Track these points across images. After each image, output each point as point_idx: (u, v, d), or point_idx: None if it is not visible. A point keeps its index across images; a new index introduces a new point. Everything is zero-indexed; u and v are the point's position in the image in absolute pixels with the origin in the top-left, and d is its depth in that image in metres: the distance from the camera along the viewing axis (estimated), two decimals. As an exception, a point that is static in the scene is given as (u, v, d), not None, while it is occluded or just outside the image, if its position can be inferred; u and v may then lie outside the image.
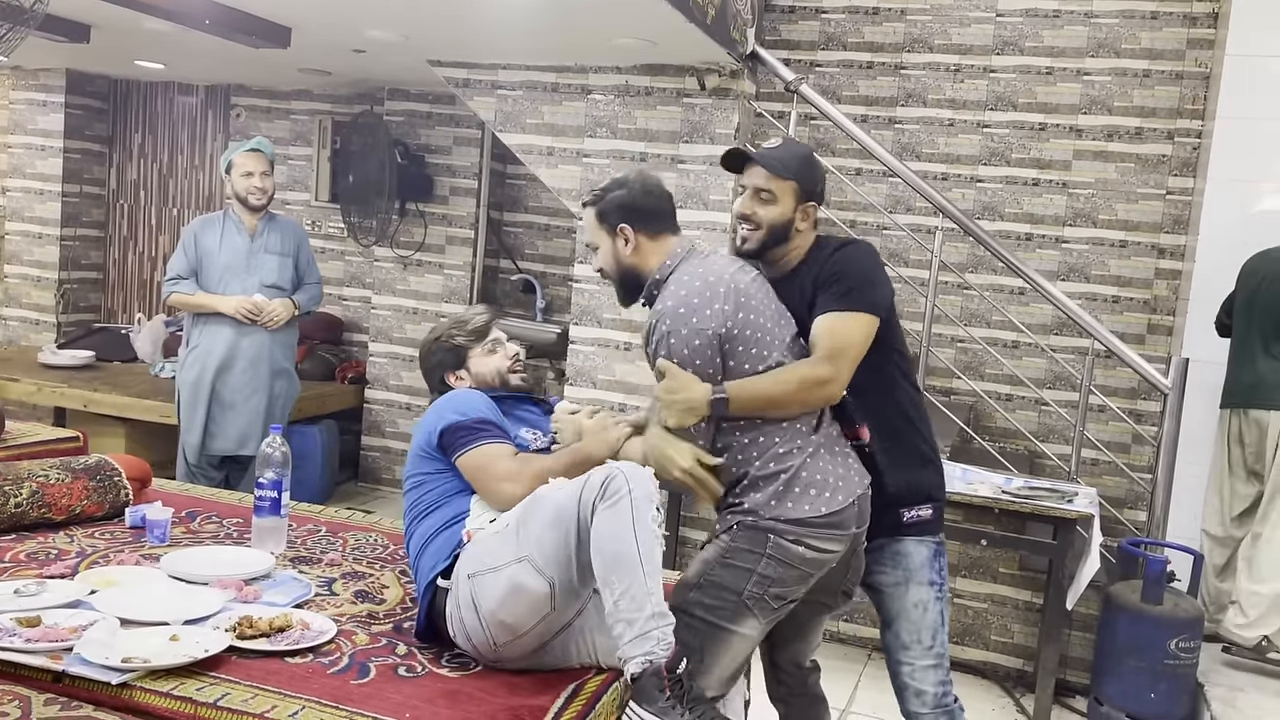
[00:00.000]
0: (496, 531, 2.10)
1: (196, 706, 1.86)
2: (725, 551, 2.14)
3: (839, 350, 2.14)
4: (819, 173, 2.33)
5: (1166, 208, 4.73)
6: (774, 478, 2.13)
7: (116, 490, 2.95)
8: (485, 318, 2.55)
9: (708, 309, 2.12)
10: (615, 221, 2.26)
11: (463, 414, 2.28)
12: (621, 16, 3.46)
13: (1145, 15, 4.71)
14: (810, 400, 2.15)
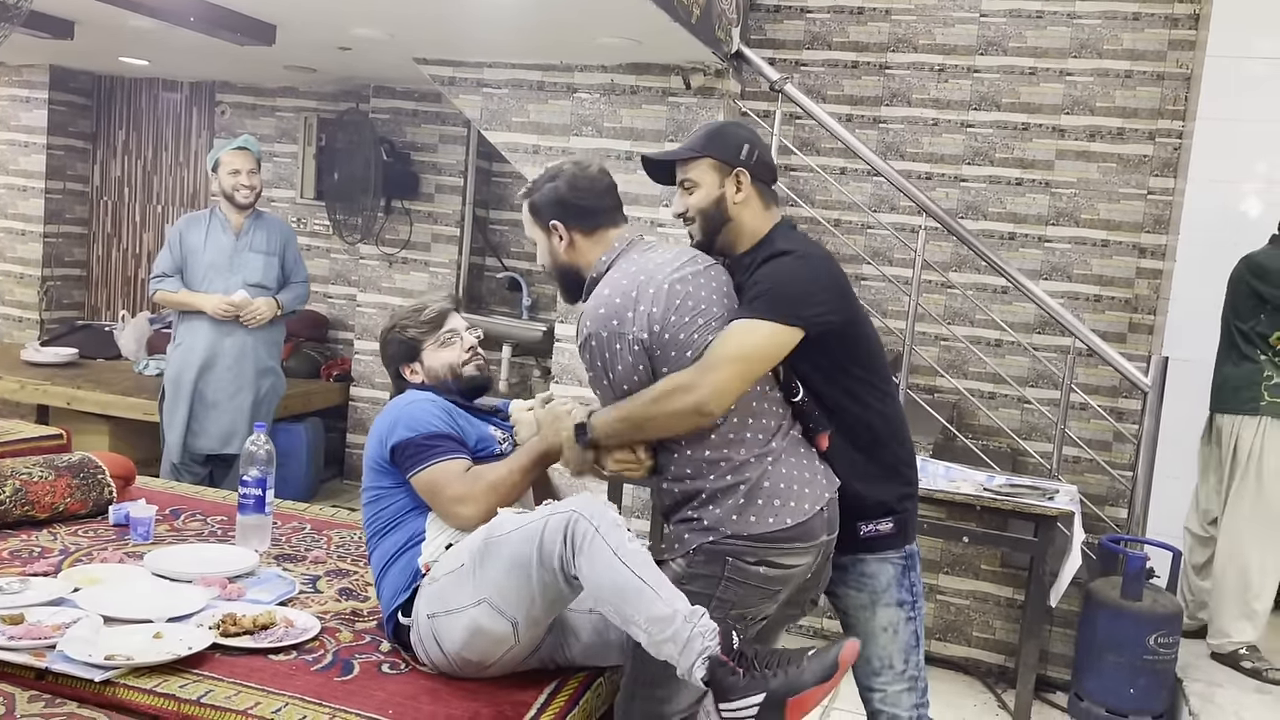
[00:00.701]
0: (451, 570, 2.03)
1: (180, 704, 1.87)
2: (682, 577, 1.98)
3: (719, 359, 1.94)
4: (734, 139, 2.12)
5: (1148, 207, 4.77)
6: (732, 490, 1.99)
7: (100, 488, 2.95)
8: (440, 307, 2.41)
9: (630, 311, 1.97)
10: (548, 218, 2.13)
11: (413, 429, 2.19)
12: (606, 15, 3.47)
13: (1127, 16, 4.75)
14: (676, 413, 1.94)
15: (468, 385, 2.38)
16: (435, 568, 2.10)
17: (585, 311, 2.03)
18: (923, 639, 2.25)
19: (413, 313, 2.41)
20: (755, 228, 2.13)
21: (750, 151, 2.11)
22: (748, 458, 2.01)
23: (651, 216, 4.31)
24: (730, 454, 2.01)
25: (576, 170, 2.15)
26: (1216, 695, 3.38)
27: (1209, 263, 4.18)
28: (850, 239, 4.87)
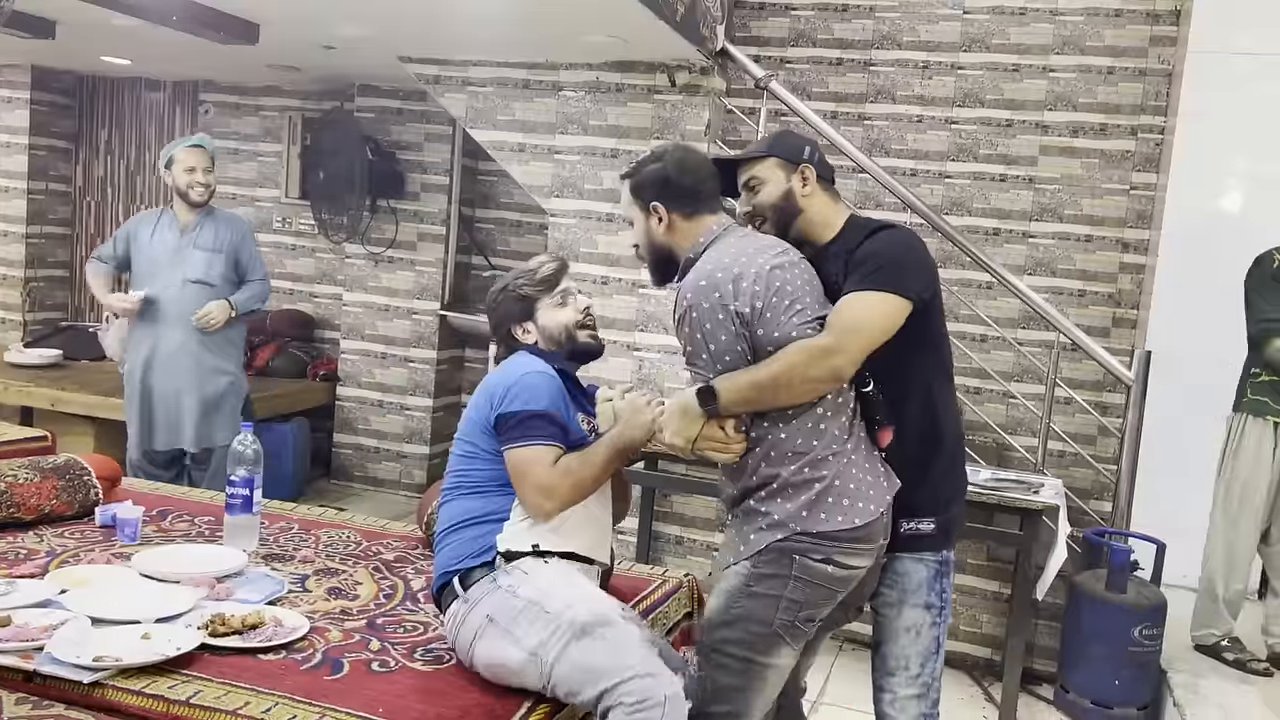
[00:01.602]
0: (539, 604, 2.02)
1: (169, 704, 1.87)
2: (749, 580, 2.00)
3: (850, 326, 1.96)
4: (796, 139, 2.22)
5: (1131, 203, 4.80)
6: (807, 486, 1.98)
7: (86, 489, 2.95)
8: (554, 266, 2.35)
9: (731, 284, 1.97)
10: (649, 199, 2.12)
11: (525, 403, 2.14)
12: (592, 13, 3.47)
13: (1109, 13, 4.77)
14: (812, 376, 1.95)
15: (583, 349, 2.31)
16: (523, 583, 2.07)
17: (684, 286, 2.02)
18: (944, 648, 2.22)
19: (526, 272, 2.35)
20: (828, 218, 2.18)
21: (812, 152, 2.19)
22: (826, 453, 2.00)
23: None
24: (815, 444, 2.00)
25: (683, 153, 2.17)
26: (1200, 686, 3.41)
27: (1191, 257, 4.21)
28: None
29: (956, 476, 2.22)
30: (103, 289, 4.24)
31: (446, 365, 5.80)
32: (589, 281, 4.45)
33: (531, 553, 2.12)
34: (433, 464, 5.70)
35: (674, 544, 4.43)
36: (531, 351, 2.29)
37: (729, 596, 2.04)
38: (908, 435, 2.10)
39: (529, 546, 2.12)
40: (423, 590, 2.57)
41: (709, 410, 1.98)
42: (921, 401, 2.12)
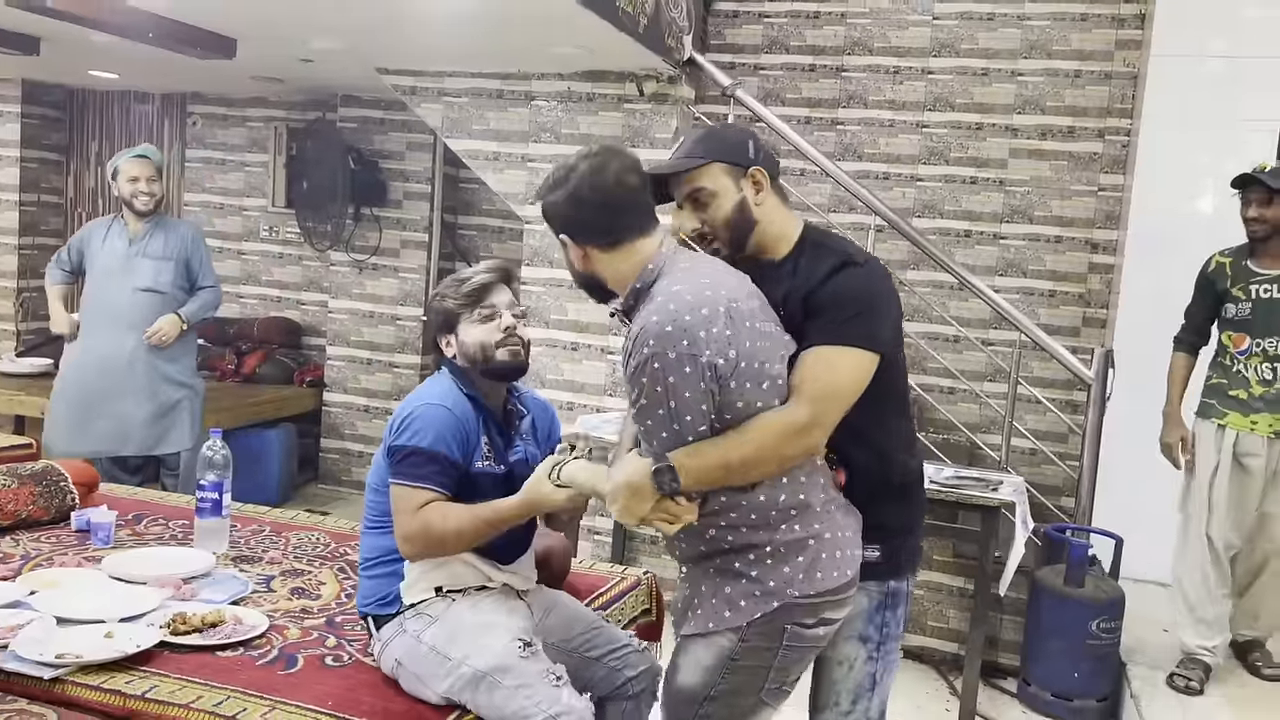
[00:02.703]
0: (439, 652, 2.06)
1: (125, 699, 1.95)
2: (734, 654, 1.82)
3: (825, 393, 1.79)
4: (736, 138, 1.95)
5: (1099, 204, 4.87)
6: (801, 546, 1.81)
7: (62, 495, 3.03)
8: (484, 279, 2.21)
9: (703, 330, 1.70)
10: (558, 231, 1.87)
11: (410, 438, 2.11)
12: (556, 27, 3.56)
13: (1075, 17, 4.85)
14: (789, 454, 1.78)
15: (499, 368, 2.19)
16: (428, 628, 2.10)
17: (644, 329, 1.72)
18: (882, 685, 2.06)
19: (455, 282, 2.23)
20: (784, 229, 1.96)
21: (756, 149, 1.93)
22: (815, 507, 1.84)
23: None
24: (801, 498, 1.83)
25: (587, 176, 1.81)
26: (1158, 678, 3.47)
27: (1158, 258, 4.28)
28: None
29: (909, 508, 2.07)
30: (55, 298, 4.36)
31: (430, 371, 5.86)
32: (563, 287, 4.53)
33: (437, 595, 2.14)
34: (418, 468, 5.78)
35: (649, 544, 4.51)
36: (450, 369, 2.24)
37: (710, 673, 1.85)
38: (858, 474, 1.96)
39: (431, 592, 2.14)
40: (384, 589, 2.65)
41: (666, 491, 1.75)
42: (873, 442, 1.96)
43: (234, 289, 6.27)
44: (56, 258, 4.39)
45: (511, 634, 2.08)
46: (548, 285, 4.56)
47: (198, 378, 4.46)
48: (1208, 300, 3.49)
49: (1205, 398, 3.49)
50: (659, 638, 2.86)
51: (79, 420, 4.24)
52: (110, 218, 4.38)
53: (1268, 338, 3.33)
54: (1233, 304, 3.41)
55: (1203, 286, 3.51)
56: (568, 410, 4.51)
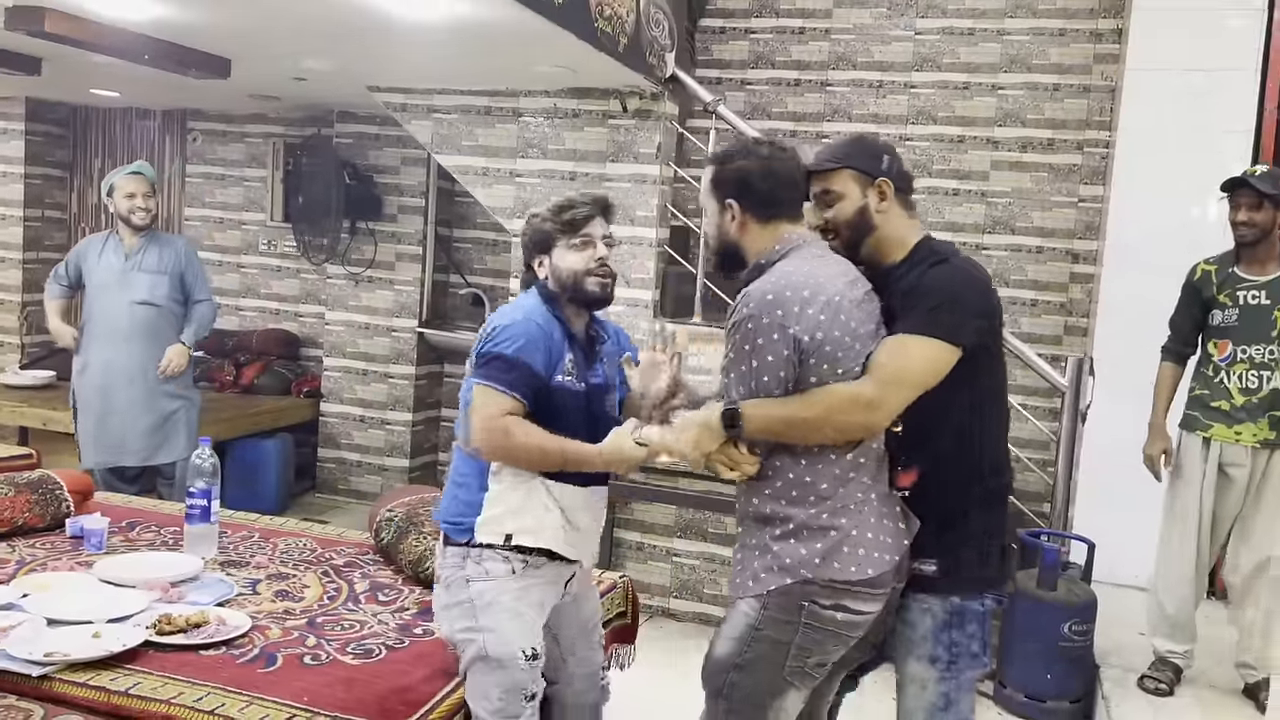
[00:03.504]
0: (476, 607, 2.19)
1: (110, 695, 2.05)
2: (758, 623, 1.96)
3: (893, 377, 1.89)
4: (874, 149, 2.10)
5: (1079, 215, 4.95)
6: (823, 533, 1.93)
7: (58, 502, 3.13)
8: (585, 212, 2.30)
9: (797, 307, 1.89)
10: (726, 194, 2.05)
11: (497, 345, 2.19)
12: (536, 47, 3.65)
13: (1054, 32, 4.94)
14: (847, 425, 1.91)
15: (586, 296, 2.29)
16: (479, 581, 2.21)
17: (750, 293, 1.94)
18: (957, 705, 2.07)
19: (559, 209, 2.32)
20: (902, 236, 2.07)
21: (890, 162, 2.08)
22: (849, 502, 1.94)
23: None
24: (840, 491, 1.94)
25: (773, 155, 2.04)
26: (1130, 680, 3.54)
27: (1136, 267, 4.35)
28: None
29: (978, 524, 2.06)
30: (54, 313, 4.47)
31: (425, 381, 5.98)
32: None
33: (504, 545, 2.21)
34: (413, 476, 5.88)
35: (635, 550, 4.59)
36: (540, 290, 2.32)
37: (739, 641, 1.99)
38: (927, 480, 2.01)
39: (502, 538, 2.21)
40: (365, 593, 2.74)
41: (731, 433, 1.93)
42: (947, 449, 2.00)
43: (233, 302, 6.39)
44: (54, 273, 4.51)
45: (529, 638, 2.21)
46: (536, 297, 4.65)
47: (194, 389, 4.57)
48: (1194, 309, 3.46)
49: (1189, 410, 3.46)
50: (633, 640, 2.95)
51: (89, 433, 4.36)
52: (106, 233, 4.50)
53: (1253, 344, 3.31)
54: (1219, 310, 3.38)
55: (1188, 295, 3.48)
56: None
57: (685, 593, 4.46)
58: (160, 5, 3.39)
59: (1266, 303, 3.30)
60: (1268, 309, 3.30)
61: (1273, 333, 3.29)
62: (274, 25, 3.65)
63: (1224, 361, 3.38)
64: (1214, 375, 3.41)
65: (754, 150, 2.06)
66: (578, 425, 2.24)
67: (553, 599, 2.32)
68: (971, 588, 2.06)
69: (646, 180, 4.43)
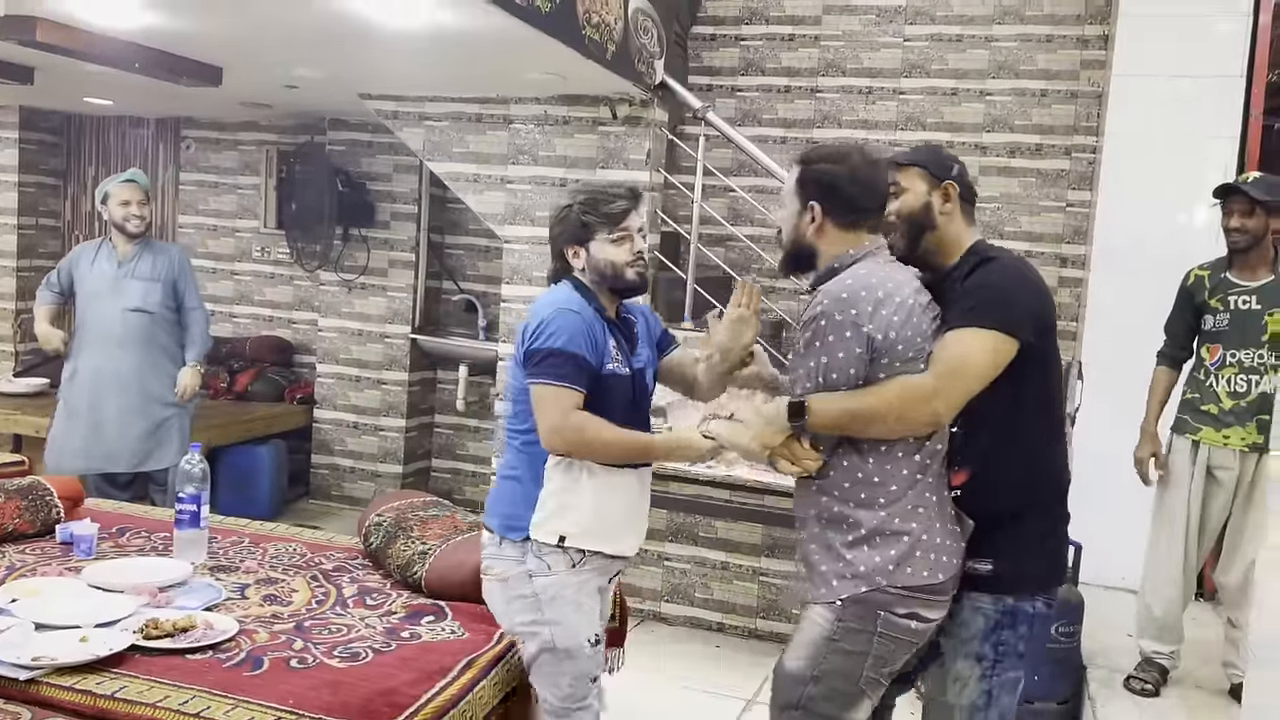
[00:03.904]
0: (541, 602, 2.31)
1: (96, 699, 2.07)
2: (834, 634, 1.96)
3: (953, 368, 1.91)
4: (946, 157, 2.16)
5: (1067, 219, 4.99)
6: (895, 538, 1.95)
7: (48, 509, 3.15)
8: (623, 205, 2.34)
9: (871, 307, 1.93)
10: (810, 195, 2.06)
11: (548, 340, 2.23)
12: (524, 54, 3.68)
13: (1041, 39, 4.98)
14: (910, 418, 1.93)
15: (625, 285, 2.35)
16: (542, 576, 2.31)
17: (826, 290, 1.97)
18: (999, 703, 2.09)
19: (594, 201, 2.35)
20: (958, 239, 2.11)
21: (959, 171, 2.13)
22: (918, 504, 1.96)
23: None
24: (910, 493, 1.96)
25: (863, 164, 2.06)
26: (1117, 681, 3.56)
27: (1124, 271, 4.38)
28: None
29: (1032, 525, 2.08)
30: (42, 319, 4.48)
31: (418, 387, 6.00)
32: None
33: (558, 546, 2.29)
34: (406, 482, 5.90)
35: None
36: (572, 281, 2.37)
37: (813, 651, 1.99)
38: (979, 480, 2.02)
39: (556, 539, 2.29)
40: (353, 596, 2.76)
41: (795, 426, 1.96)
42: (1000, 448, 2.02)
43: (227, 309, 6.41)
44: (46, 280, 4.53)
45: (592, 626, 2.35)
46: (527, 303, 4.67)
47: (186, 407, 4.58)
48: (1187, 314, 3.49)
49: (1180, 413, 3.49)
50: (622, 643, 2.96)
51: (75, 438, 4.37)
52: (99, 241, 4.51)
53: (1243, 349, 3.33)
54: (1211, 315, 3.40)
55: (1182, 300, 3.51)
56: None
57: (677, 597, 4.47)
58: (150, 14, 3.42)
59: (1257, 308, 3.32)
60: (1258, 314, 3.32)
61: (1263, 337, 3.31)
62: (263, 34, 3.68)
63: (1214, 365, 3.40)
64: (1204, 379, 3.43)
65: (844, 156, 2.07)
66: (625, 409, 2.32)
67: (604, 582, 2.44)
68: (1025, 589, 2.07)
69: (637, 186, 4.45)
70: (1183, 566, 3.46)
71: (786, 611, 4.35)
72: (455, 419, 6.05)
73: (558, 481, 2.30)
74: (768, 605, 4.39)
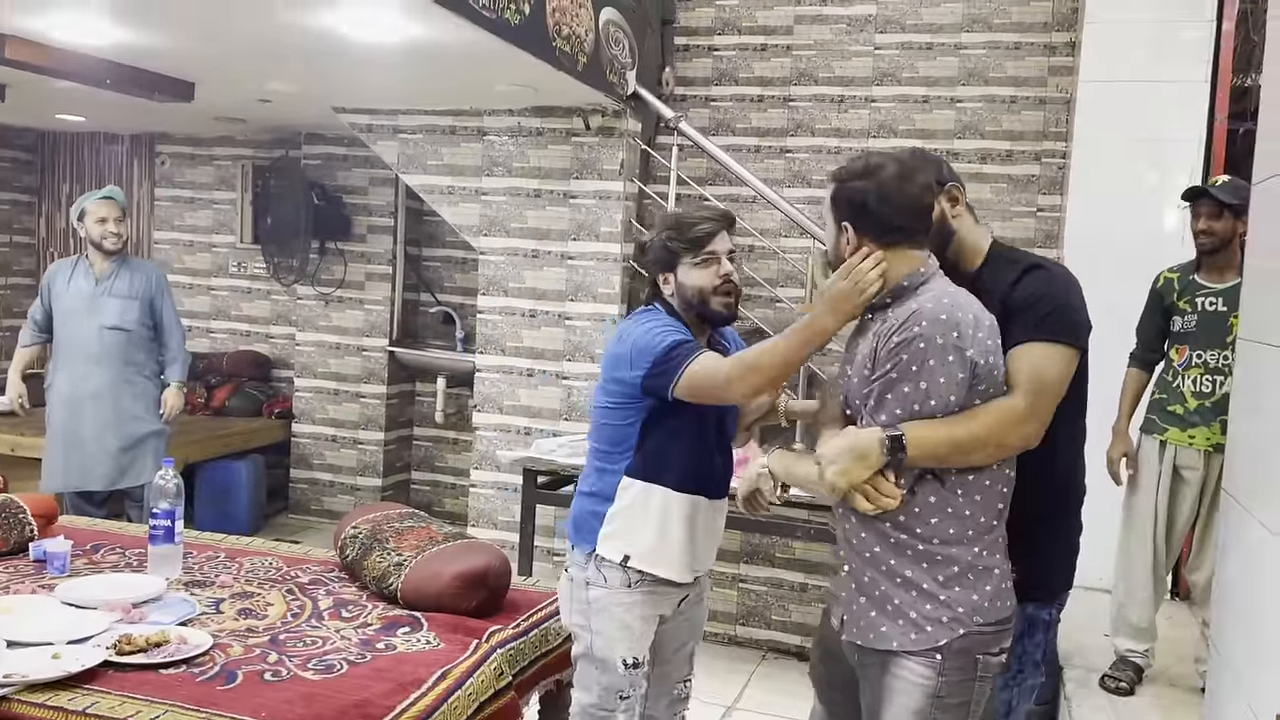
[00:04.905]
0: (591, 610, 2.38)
1: (68, 715, 2.05)
2: (938, 691, 1.80)
3: (1037, 386, 1.83)
4: (933, 159, 2.10)
5: (1038, 224, 5.04)
6: (988, 574, 1.83)
7: (21, 526, 3.12)
8: (708, 228, 2.30)
9: (971, 330, 1.81)
10: (841, 216, 1.94)
11: (659, 344, 2.22)
12: (495, 67, 3.70)
13: (1009, 46, 5.03)
14: (1006, 443, 1.83)
15: (712, 315, 2.33)
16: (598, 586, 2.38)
17: (919, 312, 1.81)
18: (1017, 711, 2.07)
19: (681, 225, 2.33)
20: (977, 241, 2.08)
21: (950, 173, 2.09)
22: (1000, 534, 1.88)
23: (562, 250, 4.55)
24: (995, 525, 1.87)
25: (896, 177, 1.88)
26: (1093, 680, 3.59)
27: (1094, 275, 4.36)
28: (764, 263, 5.10)
29: (1053, 530, 2.06)
30: (16, 365, 4.52)
31: (397, 400, 6.00)
32: (518, 315, 4.67)
33: (621, 564, 2.35)
34: (385, 495, 5.89)
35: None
36: (663, 305, 2.37)
37: (918, 717, 1.82)
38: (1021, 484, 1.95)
39: (619, 557, 2.35)
40: (329, 609, 2.75)
41: (892, 461, 1.79)
42: (1043, 452, 1.91)
43: (204, 324, 6.40)
44: (30, 316, 4.50)
45: (631, 649, 2.38)
46: (503, 314, 4.69)
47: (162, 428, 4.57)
48: (1157, 316, 3.53)
49: (1149, 414, 3.53)
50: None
51: (55, 456, 4.37)
52: (75, 258, 4.50)
53: (1209, 350, 3.37)
54: (1179, 317, 3.45)
55: (1152, 302, 3.55)
56: (523, 435, 4.63)
57: (752, 620, 4.46)
58: (121, 30, 3.42)
59: (1224, 309, 3.36)
60: (1224, 315, 3.36)
61: (1228, 338, 3.36)
62: (235, 49, 3.69)
63: (1181, 366, 3.44)
64: (1172, 380, 3.47)
65: (874, 170, 1.90)
66: (711, 431, 2.38)
67: (666, 610, 2.46)
68: (1045, 597, 2.06)
69: (611, 196, 4.48)
70: (1152, 566, 3.50)
71: (766, 617, 4.37)
72: (434, 431, 6.04)
73: (628, 500, 2.35)
74: (747, 612, 4.40)
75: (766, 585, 4.39)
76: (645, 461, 2.36)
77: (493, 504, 4.75)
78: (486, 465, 4.73)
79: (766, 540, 4.34)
